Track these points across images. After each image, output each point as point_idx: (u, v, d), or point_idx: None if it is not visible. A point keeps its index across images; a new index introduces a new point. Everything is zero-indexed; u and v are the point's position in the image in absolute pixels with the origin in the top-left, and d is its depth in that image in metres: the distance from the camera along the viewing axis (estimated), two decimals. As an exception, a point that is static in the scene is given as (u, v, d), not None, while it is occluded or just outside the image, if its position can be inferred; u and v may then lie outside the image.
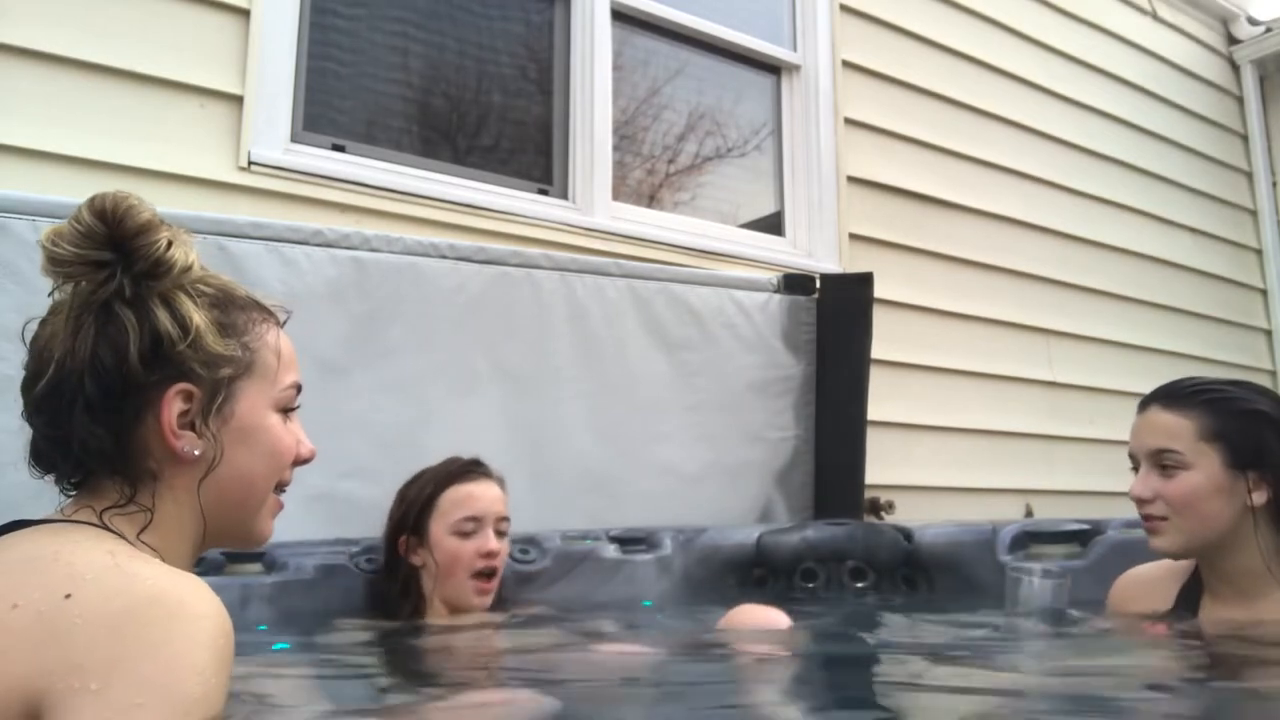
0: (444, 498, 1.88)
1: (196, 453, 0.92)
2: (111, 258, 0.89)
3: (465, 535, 1.86)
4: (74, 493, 0.93)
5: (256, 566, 2.01)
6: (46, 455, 0.92)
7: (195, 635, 0.74)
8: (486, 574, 1.88)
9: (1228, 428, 1.46)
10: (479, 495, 1.89)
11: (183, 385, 0.91)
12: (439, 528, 1.87)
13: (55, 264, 0.88)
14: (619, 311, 2.81)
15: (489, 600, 1.90)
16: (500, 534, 1.91)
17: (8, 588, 0.76)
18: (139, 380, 0.90)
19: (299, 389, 1.04)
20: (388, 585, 1.92)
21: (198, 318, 0.92)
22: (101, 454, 0.89)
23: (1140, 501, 1.52)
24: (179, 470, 0.93)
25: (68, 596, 0.74)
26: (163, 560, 0.87)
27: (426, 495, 1.89)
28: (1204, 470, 1.46)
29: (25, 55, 2.24)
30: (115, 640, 0.72)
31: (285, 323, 1.05)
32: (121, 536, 0.87)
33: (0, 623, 0.73)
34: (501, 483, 1.95)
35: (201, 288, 0.95)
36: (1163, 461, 1.49)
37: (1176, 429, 1.48)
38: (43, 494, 0.94)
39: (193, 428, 0.92)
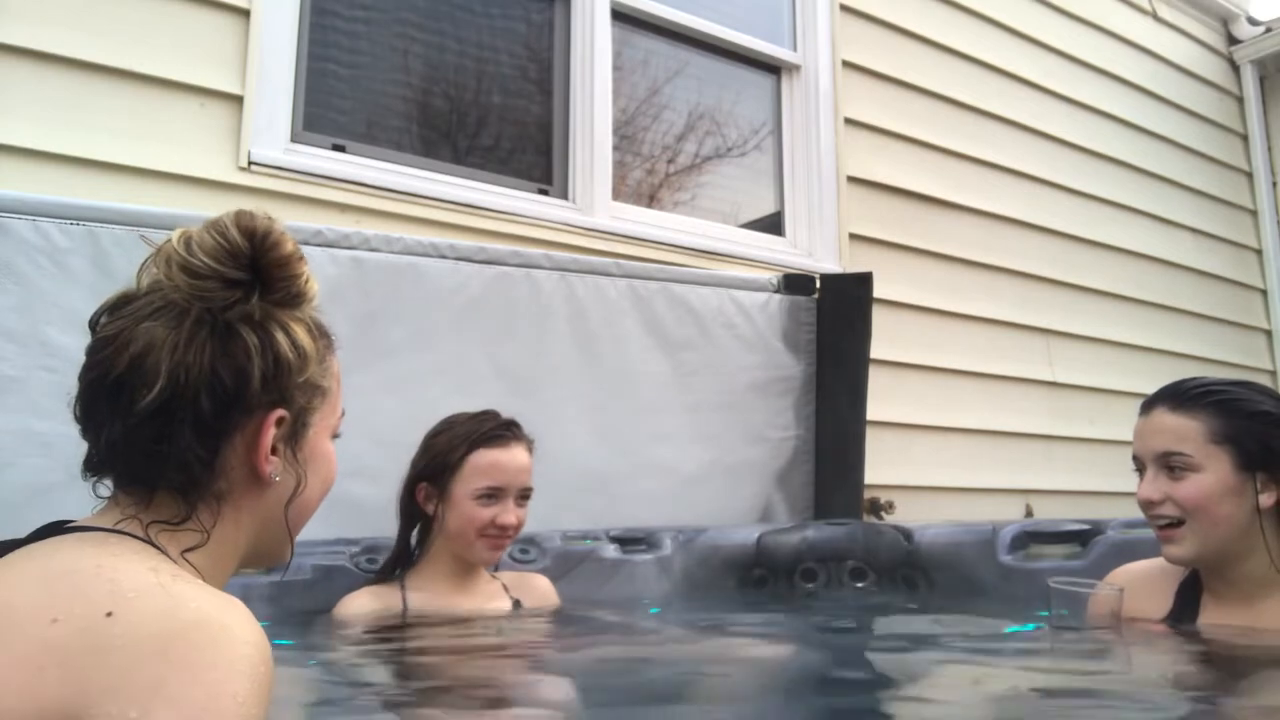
0: (470, 461, 1.86)
1: (278, 478, 0.92)
2: (247, 279, 0.88)
3: (485, 503, 1.85)
4: (112, 497, 0.88)
5: (256, 566, 2.00)
6: (130, 465, 0.86)
7: (236, 663, 0.72)
8: (498, 539, 1.88)
9: (1237, 429, 1.45)
10: (505, 465, 1.87)
11: (281, 411, 0.91)
12: (460, 489, 1.85)
13: (187, 273, 0.85)
14: (619, 311, 2.81)
15: (498, 558, 1.92)
16: (523, 501, 1.91)
17: (47, 601, 0.72)
18: (252, 404, 0.88)
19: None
20: (401, 531, 1.93)
21: (310, 346, 0.92)
22: (192, 472, 0.86)
23: (1149, 504, 1.49)
24: (250, 493, 0.91)
25: (109, 614, 0.71)
26: (204, 581, 0.85)
27: (458, 457, 1.86)
28: (1214, 472, 1.44)
29: (25, 55, 2.24)
30: (157, 664, 0.69)
31: None
32: (164, 553, 0.83)
33: (40, 638, 0.70)
34: (531, 446, 1.94)
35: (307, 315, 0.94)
36: (1171, 464, 1.47)
37: (1185, 431, 1.47)
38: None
39: (273, 452, 0.91)
